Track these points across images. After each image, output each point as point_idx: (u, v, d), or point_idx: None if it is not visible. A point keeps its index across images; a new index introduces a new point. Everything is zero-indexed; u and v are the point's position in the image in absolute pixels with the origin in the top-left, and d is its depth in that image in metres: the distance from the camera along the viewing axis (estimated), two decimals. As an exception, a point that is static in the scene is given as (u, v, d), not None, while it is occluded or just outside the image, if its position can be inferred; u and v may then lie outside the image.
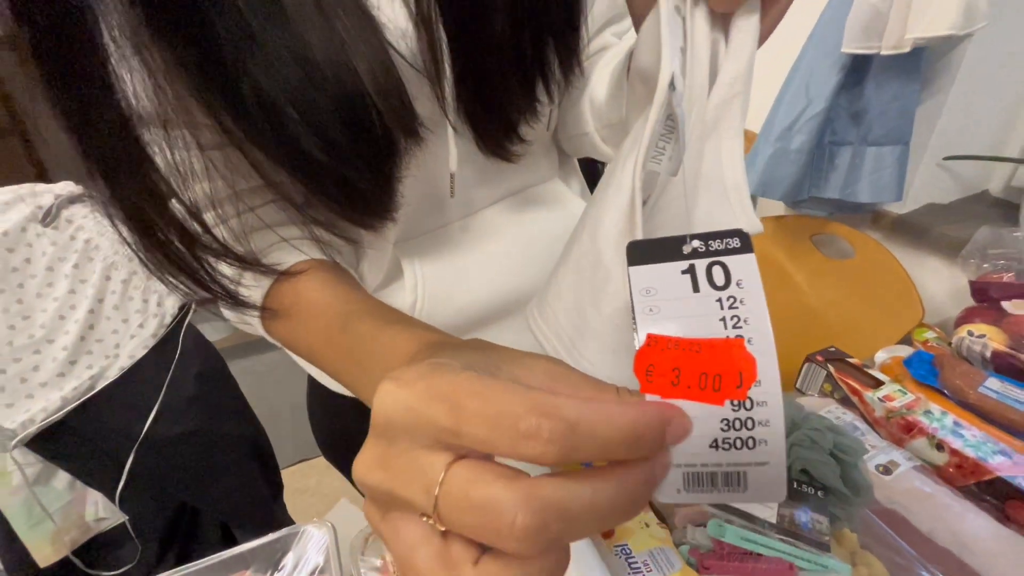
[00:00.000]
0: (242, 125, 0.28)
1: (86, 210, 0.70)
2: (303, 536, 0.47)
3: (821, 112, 0.90)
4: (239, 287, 0.33)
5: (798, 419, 0.51)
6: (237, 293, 0.33)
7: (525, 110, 0.35)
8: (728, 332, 0.18)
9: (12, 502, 0.63)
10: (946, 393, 0.70)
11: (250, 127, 0.28)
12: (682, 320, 0.18)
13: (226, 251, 0.32)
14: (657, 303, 0.19)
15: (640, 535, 0.45)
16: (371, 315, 0.30)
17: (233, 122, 0.28)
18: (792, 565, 0.42)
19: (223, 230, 0.33)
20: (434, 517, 0.16)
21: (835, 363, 0.74)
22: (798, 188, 0.99)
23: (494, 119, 0.35)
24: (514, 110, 0.35)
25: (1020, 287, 0.80)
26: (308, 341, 0.33)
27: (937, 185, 1.01)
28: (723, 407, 0.17)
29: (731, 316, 0.18)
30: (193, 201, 0.31)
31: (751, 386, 0.17)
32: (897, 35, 0.76)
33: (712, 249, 0.18)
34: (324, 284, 0.34)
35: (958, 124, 0.95)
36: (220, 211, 0.34)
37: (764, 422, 0.17)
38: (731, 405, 0.17)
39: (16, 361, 0.63)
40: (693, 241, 0.19)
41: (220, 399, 0.77)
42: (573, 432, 0.15)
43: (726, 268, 0.18)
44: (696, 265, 0.18)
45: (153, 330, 0.71)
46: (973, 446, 0.60)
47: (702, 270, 0.18)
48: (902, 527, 0.52)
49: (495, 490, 0.15)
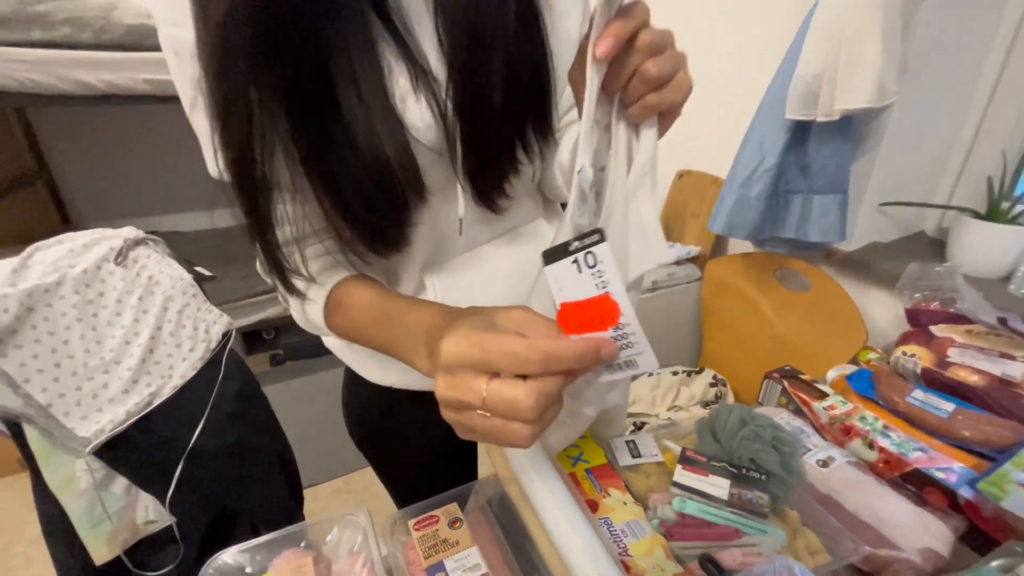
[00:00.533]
0: (317, 186, 0.42)
1: (149, 251, 0.82)
2: (345, 520, 0.57)
3: (774, 166, 1.06)
4: (307, 294, 0.49)
5: (747, 418, 0.63)
6: (305, 296, 0.49)
7: (510, 172, 0.50)
8: (599, 291, 0.32)
9: (77, 504, 0.72)
10: (880, 403, 0.82)
11: (323, 188, 0.42)
12: (575, 291, 0.33)
13: (297, 270, 0.47)
14: (562, 284, 0.34)
15: (620, 511, 0.56)
16: (400, 300, 0.45)
17: (313, 185, 0.42)
18: (738, 530, 0.53)
19: (297, 256, 0.48)
20: (483, 409, 0.31)
21: (789, 379, 0.86)
22: (760, 229, 1.14)
23: (488, 179, 0.49)
24: (502, 173, 0.49)
25: (944, 314, 0.93)
26: (359, 324, 0.47)
27: (879, 227, 1.16)
28: (608, 331, 0.32)
29: (599, 282, 0.32)
30: (284, 237, 0.46)
31: (618, 318, 0.32)
32: (827, 106, 0.92)
33: (585, 244, 0.32)
34: (364, 286, 0.49)
35: (894, 175, 1.11)
36: (299, 244, 0.48)
37: (631, 334, 0.32)
38: (612, 330, 0.32)
39: (90, 380, 0.73)
40: (574, 243, 0.32)
41: (256, 416, 0.87)
42: (546, 358, 0.30)
43: (593, 255, 0.32)
44: (578, 257, 0.32)
45: (201, 354, 0.82)
46: (897, 445, 0.71)
47: (581, 258, 0.32)
48: (835, 508, 0.64)
49: (513, 390, 0.30)
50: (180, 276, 0.83)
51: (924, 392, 0.80)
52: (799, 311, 1.14)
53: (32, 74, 1.40)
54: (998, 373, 0.81)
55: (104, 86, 1.46)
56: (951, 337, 0.89)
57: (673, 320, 1.39)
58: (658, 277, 1.41)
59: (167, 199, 2.48)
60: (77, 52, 1.43)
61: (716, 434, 0.64)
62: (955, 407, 0.76)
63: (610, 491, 0.58)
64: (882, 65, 0.85)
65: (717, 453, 0.62)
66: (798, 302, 1.16)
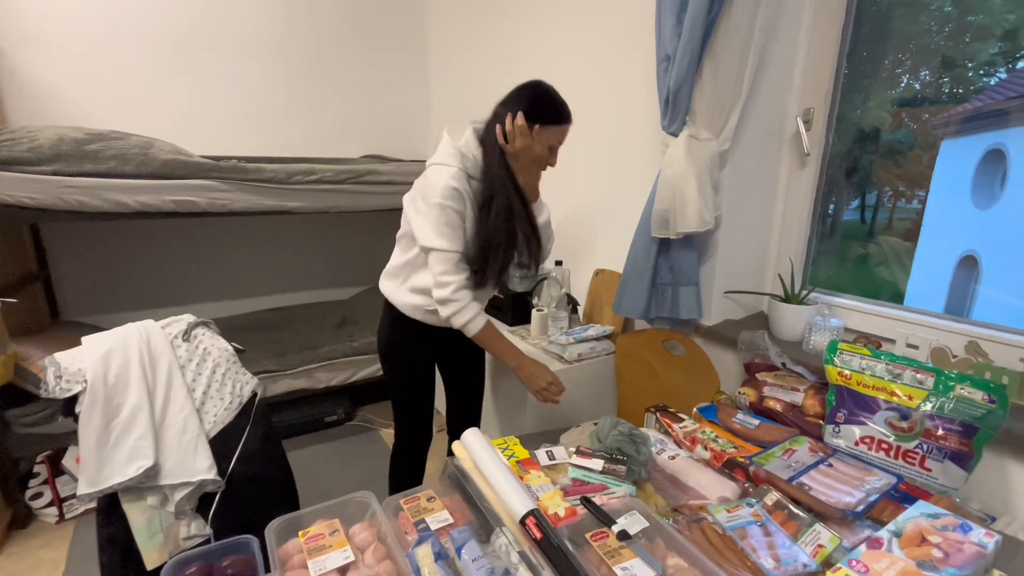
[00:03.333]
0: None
1: (205, 330, 1.13)
2: (357, 500, 0.87)
3: (650, 267, 1.52)
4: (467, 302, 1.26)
5: (616, 424, 1.00)
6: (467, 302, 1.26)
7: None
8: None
9: (141, 519, 0.95)
10: (719, 424, 1.21)
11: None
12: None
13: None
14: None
15: (535, 481, 0.89)
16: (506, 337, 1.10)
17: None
18: (605, 485, 0.88)
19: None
20: (553, 383, 1.29)
21: (661, 412, 1.25)
22: (647, 310, 1.58)
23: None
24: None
25: (763, 365, 1.37)
26: (495, 336, 1.28)
27: (730, 308, 1.63)
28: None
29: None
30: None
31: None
32: (674, 229, 1.42)
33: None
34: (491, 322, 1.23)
35: (734, 273, 1.60)
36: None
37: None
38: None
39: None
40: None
41: (274, 454, 1.14)
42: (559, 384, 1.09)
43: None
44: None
45: (236, 405, 1.11)
46: (722, 446, 1.09)
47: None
48: (675, 481, 1.00)
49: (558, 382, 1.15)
50: (225, 348, 1.15)
51: (744, 414, 1.21)
52: (679, 369, 1.55)
53: (81, 196, 1.75)
54: (789, 400, 1.23)
55: (139, 206, 1.82)
56: (766, 380, 1.32)
57: (596, 383, 1.77)
58: (583, 351, 1.82)
59: (149, 297, 2.74)
60: (121, 180, 1.80)
61: (599, 437, 1.00)
62: (759, 422, 1.17)
63: (530, 471, 0.92)
64: (700, 206, 1.36)
65: (599, 448, 0.98)
66: (678, 363, 1.57)
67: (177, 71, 2.57)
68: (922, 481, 0.97)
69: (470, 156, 1.21)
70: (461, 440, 0.90)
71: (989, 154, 1.38)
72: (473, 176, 1.21)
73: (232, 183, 1.98)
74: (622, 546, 0.73)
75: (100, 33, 2.39)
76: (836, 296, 1.52)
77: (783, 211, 1.59)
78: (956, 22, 1.35)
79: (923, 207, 1.46)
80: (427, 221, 1.17)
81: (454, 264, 1.19)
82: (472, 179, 1.21)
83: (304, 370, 2.28)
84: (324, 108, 2.94)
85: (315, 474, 2.08)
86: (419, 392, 1.45)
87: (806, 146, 1.48)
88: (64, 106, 2.38)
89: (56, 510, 1.83)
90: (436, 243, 1.17)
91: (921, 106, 1.42)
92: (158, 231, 2.70)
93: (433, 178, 1.18)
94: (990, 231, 1.42)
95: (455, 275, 1.19)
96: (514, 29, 2.30)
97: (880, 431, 1.03)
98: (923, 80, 1.42)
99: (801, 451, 1.04)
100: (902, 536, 0.72)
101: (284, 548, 0.80)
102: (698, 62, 1.32)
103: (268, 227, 2.91)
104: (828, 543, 0.78)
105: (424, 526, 0.84)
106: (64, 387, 0.90)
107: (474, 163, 1.21)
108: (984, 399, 0.95)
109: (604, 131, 1.92)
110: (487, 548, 0.75)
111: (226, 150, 2.58)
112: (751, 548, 0.78)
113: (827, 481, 0.93)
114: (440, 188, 1.15)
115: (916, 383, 1.02)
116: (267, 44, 2.73)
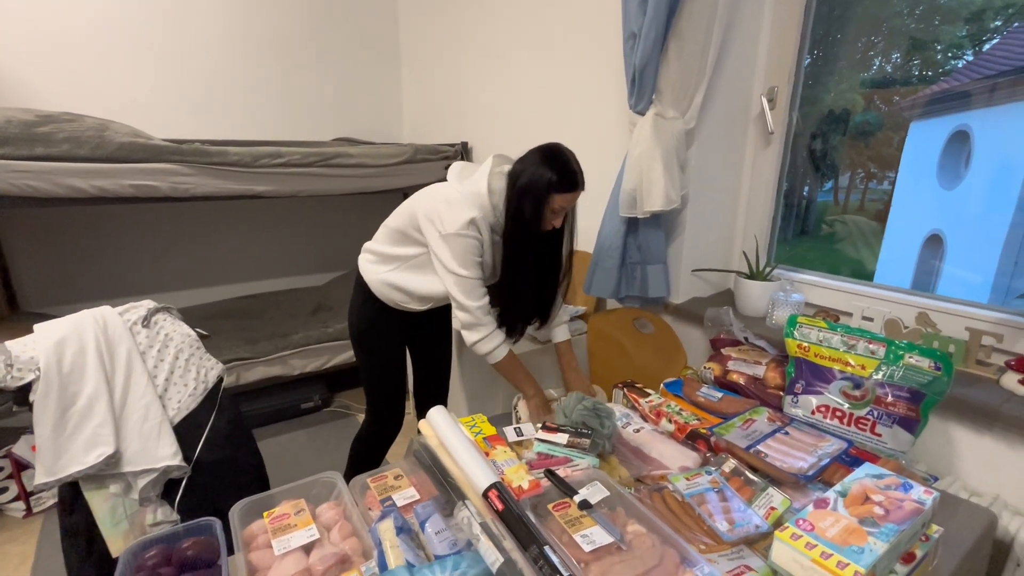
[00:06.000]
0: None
1: (166, 316, 1.11)
2: (324, 480, 0.87)
3: (619, 247, 1.54)
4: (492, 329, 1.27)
5: (580, 399, 1.01)
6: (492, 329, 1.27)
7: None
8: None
9: (104, 507, 0.94)
10: (684, 398, 1.24)
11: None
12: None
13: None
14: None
15: (501, 456, 0.91)
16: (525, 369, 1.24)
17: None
18: (568, 458, 0.90)
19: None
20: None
21: (628, 387, 1.27)
22: (617, 289, 1.60)
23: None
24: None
25: (728, 340, 1.40)
26: (515, 365, 1.27)
27: (698, 286, 1.66)
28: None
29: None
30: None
31: None
32: (641, 208, 1.43)
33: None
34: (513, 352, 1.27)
35: (701, 251, 1.63)
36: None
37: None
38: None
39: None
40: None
41: (241, 438, 1.13)
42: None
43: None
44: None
45: (202, 391, 1.09)
46: (685, 419, 1.12)
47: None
48: (638, 453, 1.02)
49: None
50: (187, 333, 1.13)
51: (708, 388, 1.24)
52: (648, 347, 1.58)
53: (32, 182, 1.68)
54: (751, 373, 1.27)
55: (95, 191, 1.76)
56: (730, 354, 1.35)
57: (568, 363, 1.79)
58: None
59: (115, 286, 2.66)
60: (75, 164, 1.73)
61: (564, 412, 1.02)
62: (722, 395, 1.20)
63: (497, 447, 0.93)
64: (666, 184, 1.37)
65: (564, 423, 1.00)
66: (647, 340, 1.60)
67: (136, 51, 2.46)
68: (872, 446, 1.01)
69: (488, 206, 1.21)
70: (427, 418, 0.91)
71: (955, 135, 1.41)
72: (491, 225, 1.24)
73: (195, 167, 1.92)
74: (583, 515, 0.75)
75: (52, 11, 2.27)
76: (799, 272, 1.55)
77: (748, 189, 1.62)
78: (925, 4, 1.37)
79: (892, 188, 1.50)
80: (447, 247, 1.18)
81: (475, 288, 1.21)
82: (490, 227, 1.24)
83: (278, 357, 2.25)
84: (294, 90, 2.86)
85: (290, 461, 2.07)
86: (393, 374, 1.46)
87: (770, 125, 1.50)
88: (12, 88, 2.27)
89: (23, 504, 1.79)
90: (458, 271, 1.18)
91: (891, 87, 1.45)
92: (121, 217, 2.61)
93: (451, 211, 1.19)
94: (954, 210, 1.47)
95: (479, 300, 1.22)
96: (482, 12, 2.26)
97: (835, 400, 1.07)
98: (894, 62, 1.44)
99: (760, 421, 1.07)
100: (847, 496, 0.76)
101: (249, 529, 0.80)
102: (663, 40, 1.32)
103: (237, 212, 2.84)
104: (779, 505, 0.81)
105: (390, 503, 0.85)
106: (16, 376, 0.87)
107: (492, 211, 1.22)
108: (931, 366, 0.99)
109: (573, 112, 1.92)
110: (451, 521, 0.76)
111: (190, 133, 2.50)
112: (708, 513, 0.81)
113: (783, 448, 0.97)
114: (460, 222, 1.17)
115: (868, 353, 1.06)
116: (232, 23, 2.63)
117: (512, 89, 2.19)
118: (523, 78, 2.14)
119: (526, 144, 1.24)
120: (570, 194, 1.19)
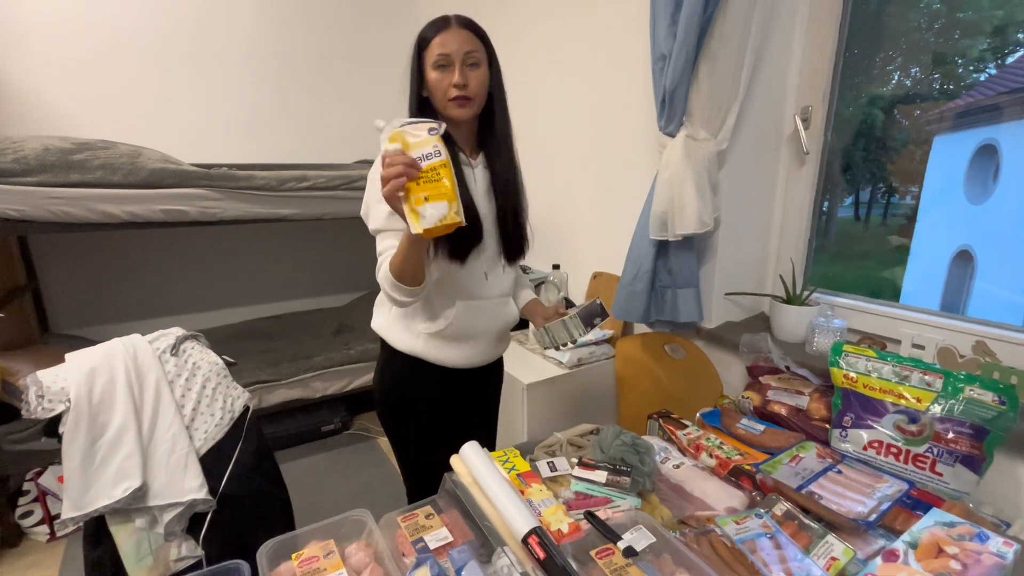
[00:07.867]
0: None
1: (194, 344, 1.10)
2: (353, 519, 0.84)
3: (649, 271, 1.50)
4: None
5: (619, 434, 0.97)
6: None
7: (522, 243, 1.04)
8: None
9: (129, 541, 0.92)
10: (723, 430, 1.18)
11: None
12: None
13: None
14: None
15: (537, 495, 0.86)
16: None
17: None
18: (609, 499, 0.85)
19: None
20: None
21: (664, 418, 1.22)
22: (647, 314, 1.55)
23: (513, 243, 1.03)
24: (518, 240, 1.01)
25: (766, 368, 1.34)
26: (399, 257, 0.91)
27: (731, 311, 1.61)
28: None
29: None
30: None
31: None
32: (672, 231, 1.39)
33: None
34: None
35: (734, 275, 1.58)
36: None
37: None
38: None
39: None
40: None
41: (269, 469, 1.10)
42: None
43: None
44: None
45: (228, 421, 1.08)
46: (727, 453, 1.06)
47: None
48: (680, 491, 0.97)
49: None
50: (215, 361, 1.11)
51: (748, 420, 1.18)
52: (680, 373, 1.53)
53: (67, 207, 1.72)
54: (794, 404, 1.21)
55: (127, 216, 1.79)
56: (770, 383, 1.29)
57: (596, 388, 1.75)
58: (582, 356, 1.79)
59: (142, 307, 2.70)
60: (108, 190, 1.76)
61: (601, 447, 0.98)
62: (764, 427, 1.14)
63: (532, 485, 0.89)
64: (698, 207, 1.33)
65: (601, 459, 0.95)
66: (679, 366, 1.55)
67: (167, 78, 2.53)
68: (933, 486, 0.94)
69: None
70: (460, 454, 0.87)
71: (981, 149, 1.37)
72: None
73: (223, 191, 1.94)
74: (629, 563, 0.71)
75: (86, 40, 2.36)
76: (838, 296, 1.49)
77: (782, 211, 1.57)
78: (946, 19, 1.34)
79: (917, 203, 1.45)
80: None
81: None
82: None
83: (299, 379, 2.24)
84: (317, 114, 2.91)
85: (312, 486, 2.04)
86: (427, 442, 1.16)
87: (805, 145, 1.46)
88: (50, 115, 2.35)
89: (47, 528, 1.79)
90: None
91: (913, 103, 1.41)
92: (149, 241, 2.66)
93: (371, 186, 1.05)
94: (984, 226, 1.41)
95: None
96: (507, 32, 2.28)
97: (888, 435, 1.00)
98: (914, 77, 1.41)
99: (808, 457, 1.01)
100: (918, 547, 0.70)
101: (276, 572, 0.76)
102: (694, 61, 1.30)
103: (261, 235, 2.88)
104: (842, 555, 0.75)
105: (422, 545, 0.81)
106: (47, 407, 0.87)
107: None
108: (994, 400, 0.93)
109: (601, 133, 1.90)
110: (488, 569, 0.72)
111: (217, 158, 2.55)
112: (762, 562, 0.75)
113: (837, 489, 0.91)
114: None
115: (924, 385, 0.99)
116: (259, 50, 2.70)
117: (537, 110, 2.18)
118: (548, 99, 2.14)
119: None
120: (444, 32, 0.98)
